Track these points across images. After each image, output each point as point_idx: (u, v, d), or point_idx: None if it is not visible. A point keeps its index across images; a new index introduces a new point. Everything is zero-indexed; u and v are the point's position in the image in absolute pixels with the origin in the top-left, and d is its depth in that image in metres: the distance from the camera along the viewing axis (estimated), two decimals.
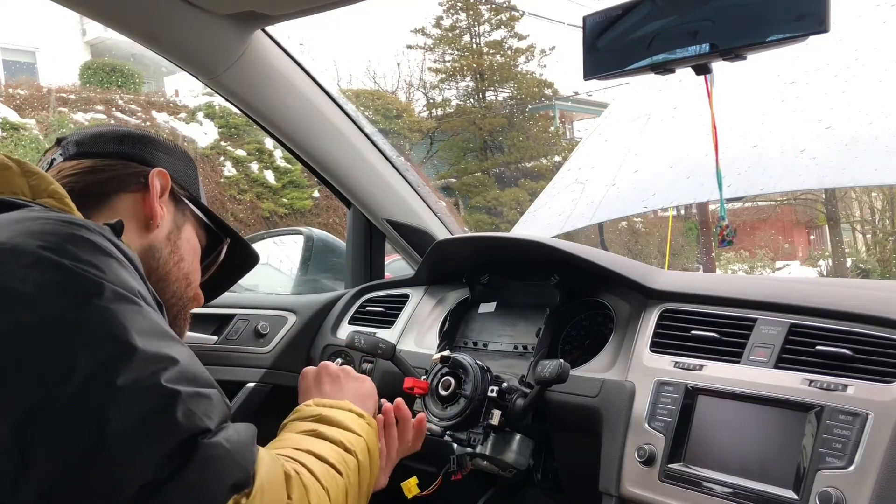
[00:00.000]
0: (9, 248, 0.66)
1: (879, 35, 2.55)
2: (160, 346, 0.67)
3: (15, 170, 0.80)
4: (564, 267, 1.49)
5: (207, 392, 0.69)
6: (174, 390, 0.65)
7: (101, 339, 0.64)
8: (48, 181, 0.80)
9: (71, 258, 0.67)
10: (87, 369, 0.62)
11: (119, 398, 0.62)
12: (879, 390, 0.98)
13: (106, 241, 0.72)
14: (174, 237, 0.98)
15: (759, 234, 13.68)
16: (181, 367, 0.67)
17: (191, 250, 1.01)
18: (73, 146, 0.96)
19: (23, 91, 10.69)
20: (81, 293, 0.65)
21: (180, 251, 0.98)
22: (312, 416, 0.93)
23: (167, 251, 0.96)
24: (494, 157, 18.19)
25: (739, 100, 2.63)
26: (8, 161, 0.80)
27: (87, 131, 0.99)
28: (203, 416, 0.66)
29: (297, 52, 1.59)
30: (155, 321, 0.69)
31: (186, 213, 1.02)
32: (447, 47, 18.83)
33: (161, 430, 0.63)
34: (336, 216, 10.80)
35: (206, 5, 1.31)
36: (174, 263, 0.97)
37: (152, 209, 0.94)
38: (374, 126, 1.85)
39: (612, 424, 1.23)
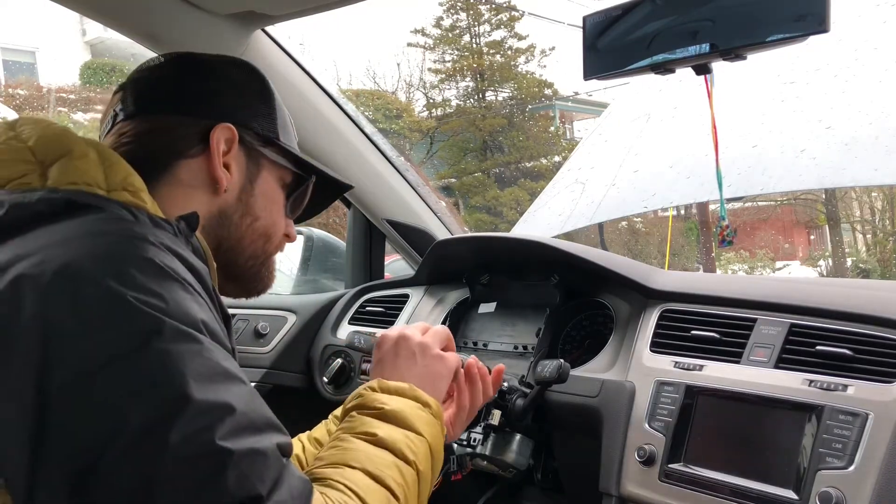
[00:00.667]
0: (71, 274, 0.63)
1: (879, 35, 2.55)
2: (217, 391, 0.63)
3: (93, 158, 0.76)
4: (564, 267, 1.49)
5: (263, 446, 0.64)
6: (227, 450, 0.61)
7: (156, 387, 0.61)
8: (123, 170, 0.77)
9: (133, 287, 0.64)
10: (140, 422, 0.59)
11: (170, 459, 0.59)
12: (879, 390, 0.98)
13: (173, 259, 0.69)
14: (246, 196, 0.90)
15: (759, 234, 13.68)
16: (237, 415, 0.63)
17: (268, 203, 0.93)
18: (133, 101, 0.88)
19: (23, 91, 10.71)
20: (140, 332, 0.62)
21: (254, 210, 0.91)
22: (375, 409, 0.86)
23: (238, 214, 0.89)
24: (494, 157, 18.18)
25: (739, 100, 2.63)
26: (86, 148, 0.77)
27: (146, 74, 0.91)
28: (256, 479, 0.62)
29: (297, 52, 1.59)
30: (213, 360, 0.65)
31: (261, 162, 0.92)
32: (447, 47, 18.83)
33: (212, 498, 0.60)
34: (336, 216, 10.79)
35: (206, 5, 1.31)
36: (248, 226, 0.91)
37: (216, 174, 0.86)
38: (374, 126, 1.85)
39: (612, 424, 1.23)
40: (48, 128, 0.79)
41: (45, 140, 0.77)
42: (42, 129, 0.79)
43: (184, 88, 0.89)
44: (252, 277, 0.93)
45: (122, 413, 0.59)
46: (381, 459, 0.80)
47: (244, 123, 0.89)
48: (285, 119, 0.97)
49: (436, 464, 0.88)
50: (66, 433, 0.59)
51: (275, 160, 0.93)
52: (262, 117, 0.92)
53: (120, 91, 0.91)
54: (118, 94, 0.91)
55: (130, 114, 0.88)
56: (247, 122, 0.90)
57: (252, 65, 0.96)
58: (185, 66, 0.91)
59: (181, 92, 0.89)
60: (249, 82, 0.94)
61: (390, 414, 0.85)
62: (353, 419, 0.85)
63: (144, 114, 0.87)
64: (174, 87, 0.89)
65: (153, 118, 0.87)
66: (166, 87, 0.89)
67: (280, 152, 0.94)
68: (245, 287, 0.94)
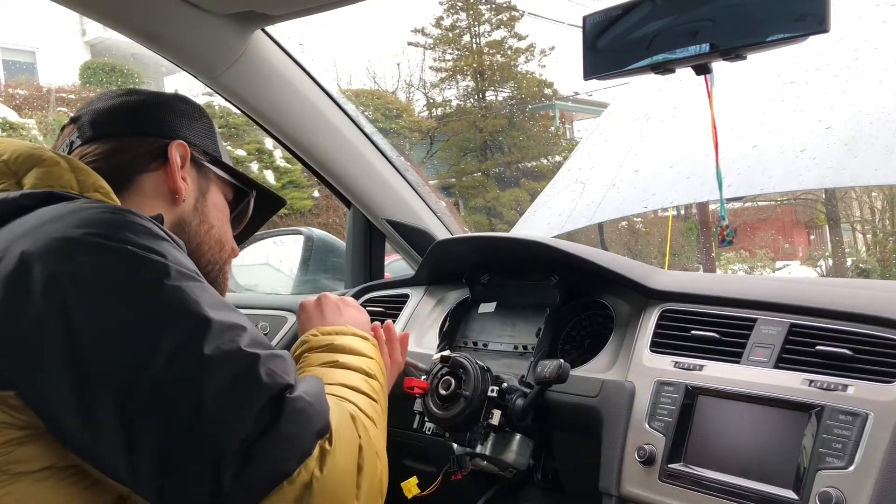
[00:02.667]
0: (74, 239, 0.71)
1: (879, 35, 2.55)
2: (229, 315, 0.74)
3: (64, 166, 0.84)
4: (564, 267, 1.49)
5: (279, 352, 0.76)
6: (254, 353, 0.72)
7: (180, 316, 0.70)
8: (93, 176, 0.85)
9: (133, 244, 0.72)
10: (173, 345, 0.68)
11: (209, 367, 0.68)
12: (879, 390, 0.98)
13: (157, 227, 0.78)
14: (201, 205, 1.00)
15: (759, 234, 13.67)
16: (250, 332, 0.75)
17: (219, 214, 1.04)
18: (89, 128, 0.97)
19: (23, 91, 10.71)
20: (152, 275, 0.71)
21: (209, 218, 1.01)
22: (323, 345, 0.97)
23: (196, 222, 0.99)
24: (494, 158, 18.18)
25: (739, 100, 2.63)
26: (58, 158, 0.85)
27: (99, 106, 0.99)
28: (283, 373, 0.73)
29: (297, 52, 1.58)
30: (216, 294, 0.76)
31: (210, 176, 1.03)
32: (447, 47, 18.83)
33: (251, 390, 0.70)
34: (336, 216, 10.81)
35: (206, 5, 1.31)
36: (205, 232, 1.00)
37: (175, 184, 0.96)
38: (374, 126, 1.85)
39: (612, 424, 1.23)
40: (20, 144, 0.88)
41: (17, 153, 0.85)
42: (14, 145, 0.87)
43: (140, 114, 0.99)
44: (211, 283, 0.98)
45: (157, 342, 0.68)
46: (351, 376, 0.91)
47: (193, 143, 1.01)
48: (223, 147, 1.09)
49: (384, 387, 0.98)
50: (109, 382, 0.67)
51: (221, 175, 1.05)
52: (208, 140, 1.04)
53: (72, 123, 1.00)
54: (70, 126, 0.99)
55: (89, 138, 0.96)
56: (196, 142, 1.01)
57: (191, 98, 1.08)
58: (138, 98, 1.01)
59: (138, 117, 0.99)
60: (194, 111, 1.05)
61: (339, 346, 0.97)
62: (306, 359, 0.95)
63: (104, 137, 0.96)
64: (131, 113, 0.99)
65: (113, 140, 0.96)
66: (123, 114, 0.99)
67: (224, 169, 1.05)
68: None
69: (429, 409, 1.36)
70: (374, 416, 0.87)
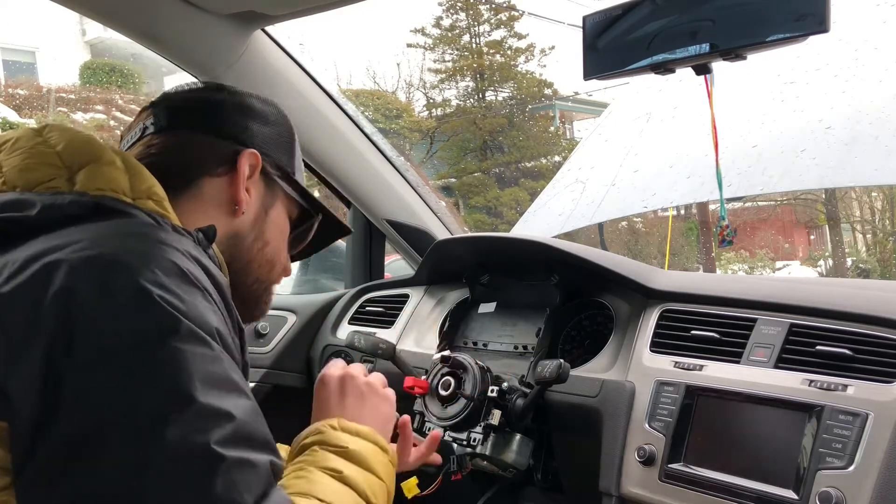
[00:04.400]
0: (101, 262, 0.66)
1: (879, 35, 2.55)
2: (220, 398, 0.65)
3: (119, 166, 0.79)
4: (564, 267, 1.49)
5: (255, 458, 0.65)
6: (219, 455, 0.62)
7: (164, 383, 0.63)
8: (148, 180, 0.80)
9: (157, 285, 0.66)
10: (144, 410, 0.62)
11: (164, 452, 0.61)
12: (879, 390, 0.98)
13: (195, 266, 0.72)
14: (260, 222, 0.94)
15: (759, 234, 13.67)
16: (236, 424, 0.65)
17: (278, 233, 0.98)
18: (165, 116, 0.92)
19: (23, 91, 10.71)
20: (159, 327, 0.65)
21: (265, 236, 0.95)
22: (339, 447, 0.86)
23: (251, 238, 0.93)
24: (494, 157, 18.18)
25: (739, 100, 2.63)
26: (113, 155, 0.80)
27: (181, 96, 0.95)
28: (244, 489, 0.63)
29: (297, 52, 1.58)
30: (222, 368, 0.67)
31: (277, 192, 0.97)
32: (447, 47, 18.82)
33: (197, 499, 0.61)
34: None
35: (206, 5, 1.31)
36: (258, 250, 0.95)
37: (238, 196, 0.90)
38: (374, 126, 1.85)
39: (612, 424, 1.23)
40: (76, 135, 0.81)
41: (72, 146, 0.79)
42: (70, 135, 0.81)
43: (219, 113, 0.93)
44: (254, 302, 0.97)
45: (130, 397, 0.62)
46: (346, 498, 0.80)
47: (269, 154, 0.94)
48: (300, 161, 1.02)
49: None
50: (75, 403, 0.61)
51: (289, 193, 0.98)
52: (284, 153, 0.98)
53: (151, 108, 0.94)
54: (148, 111, 0.94)
55: (162, 128, 0.91)
56: (271, 154, 0.95)
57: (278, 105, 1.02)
58: (223, 94, 0.95)
59: (216, 115, 0.92)
60: (280, 120, 0.99)
61: (353, 454, 0.85)
62: (315, 453, 0.85)
63: (176, 129, 0.91)
64: (210, 110, 0.93)
65: (185, 134, 0.91)
66: (203, 109, 0.93)
67: (294, 187, 0.99)
68: (245, 310, 0.95)
69: (429, 408, 1.36)
70: None
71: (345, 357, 1.78)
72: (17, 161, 0.78)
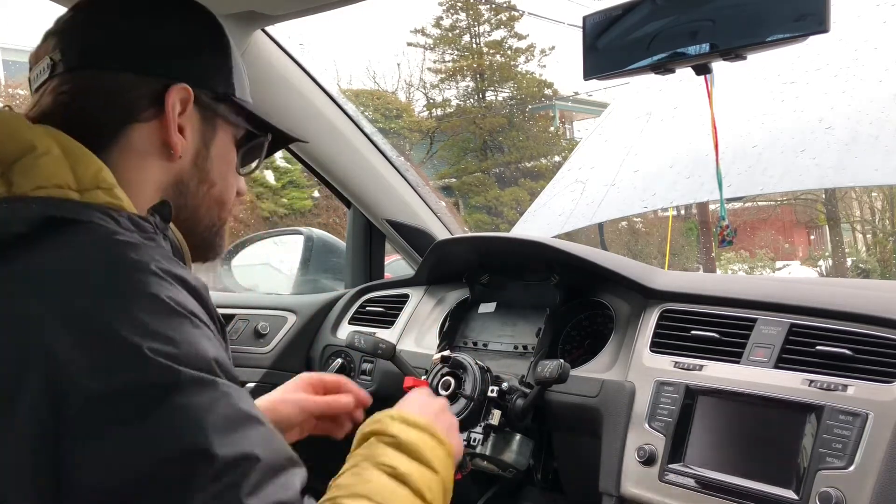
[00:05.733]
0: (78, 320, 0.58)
1: (879, 35, 2.56)
2: (239, 442, 0.60)
3: (56, 153, 0.67)
4: (564, 267, 1.49)
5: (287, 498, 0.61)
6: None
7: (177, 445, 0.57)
8: (93, 165, 0.69)
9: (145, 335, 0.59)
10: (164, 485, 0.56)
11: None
12: (879, 390, 0.98)
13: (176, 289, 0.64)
14: (202, 161, 0.82)
15: (759, 234, 13.67)
16: (261, 464, 0.60)
17: (224, 167, 0.85)
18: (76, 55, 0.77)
19: (23, 91, 10.69)
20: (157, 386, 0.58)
21: (211, 176, 0.83)
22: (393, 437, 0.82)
23: (195, 182, 0.82)
24: (494, 157, 18.19)
25: (739, 100, 2.63)
26: (47, 141, 0.68)
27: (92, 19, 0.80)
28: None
29: (297, 52, 1.58)
30: (233, 405, 0.61)
31: (217, 122, 0.84)
32: (447, 47, 18.83)
33: None
34: (336, 216, 10.81)
35: (206, 5, 1.31)
36: (204, 193, 0.83)
37: (170, 139, 0.78)
38: (374, 126, 1.85)
39: (613, 424, 1.23)
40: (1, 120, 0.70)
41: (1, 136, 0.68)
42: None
43: (138, 40, 0.79)
44: (208, 246, 0.87)
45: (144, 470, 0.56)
46: (400, 497, 0.76)
47: (200, 82, 0.81)
48: (241, 71, 0.87)
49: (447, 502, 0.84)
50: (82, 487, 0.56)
51: (230, 119, 0.85)
52: (219, 73, 0.84)
53: (55, 36, 0.80)
54: (54, 39, 0.79)
55: (72, 66, 0.77)
56: (203, 81, 0.81)
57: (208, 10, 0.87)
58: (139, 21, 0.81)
59: (135, 45, 0.78)
60: (207, 33, 0.85)
61: (405, 444, 0.81)
62: (371, 446, 0.82)
63: (90, 68, 0.77)
64: (127, 39, 0.79)
65: (101, 75, 0.77)
66: (118, 38, 0.79)
67: (235, 109, 0.85)
68: (200, 255, 0.87)
69: None
70: None
71: (344, 357, 1.78)
72: None
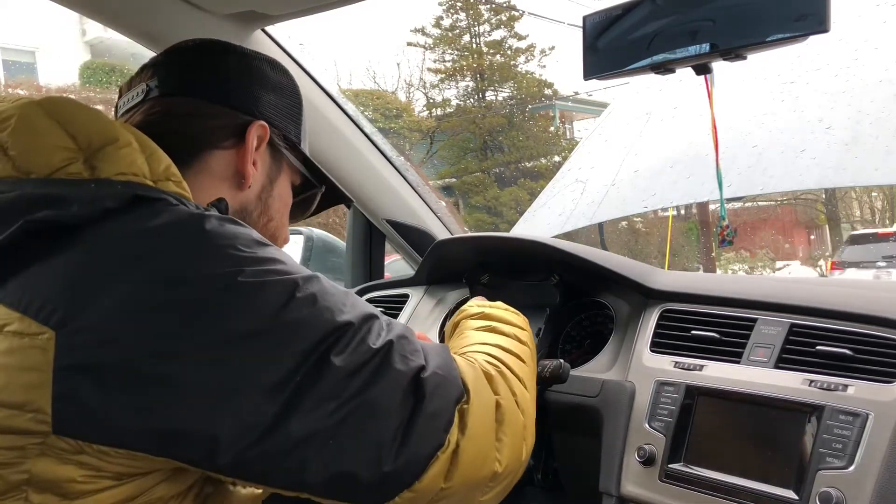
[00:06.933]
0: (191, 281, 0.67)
1: (879, 35, 2.55)
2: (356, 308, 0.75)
3: (135, 146, 0.75)
4: (564, 267, 1.49)
5: (401, 330, 0.78)
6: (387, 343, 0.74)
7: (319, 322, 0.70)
8: (164, 160, 0.77)
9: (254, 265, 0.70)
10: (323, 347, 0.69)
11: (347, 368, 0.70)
12: (880, 390, 0.98)
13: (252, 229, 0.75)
14: (265, 195, 0.92)
15: (760, 234, 13.68)
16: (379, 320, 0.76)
17: (282, 207, 0.96)
18: (173, 79, 0.88)
19: (23, 91, 10.69)
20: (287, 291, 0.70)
21: (270, 211, 0.93)
22: (477, 314, 1.03)
23: (257, 213, 0.91)
24: (494, 157, 18.19)
25: (739, 100, 2.63)
26: (128, 136, 0.75)
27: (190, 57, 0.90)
28: (412, 355, 0.76)
29: (297, 52, 1.58)
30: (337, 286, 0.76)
31: (282, 163, 0.94)
32: (447, 47, 18.83)
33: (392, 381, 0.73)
34: (336, 216, 10.79)
35: (206, 5, 1.31)
36: (263, 225, 0.93)
37: (245, 170, 0.87)
38: (374, 126, 1.85)
39: (613, 424, 1.23)
40: (82, 110, 0.76)
41: (82, 124, 0.74)
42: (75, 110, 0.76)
43: (230, 80, 0.89)
44: None
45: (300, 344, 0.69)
46: (503, 340, 0.96)
47: (277, 125, 0.92)
48: (306, 126, 1.00)
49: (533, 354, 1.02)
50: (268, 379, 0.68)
51: (294, 164, 0.96)
52: (292, 123, 0.95)
53: (152, 67, 0.90)
54: (151, 70, 0.90)
55: (167, 92, 0.87)
56: (279, 125, 0.92)
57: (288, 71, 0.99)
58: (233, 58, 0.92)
59: (228, 83, 0.89)
60: (289, 87, 0.97)
61: (491, 315, 1.03)
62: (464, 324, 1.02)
63: (184, 95, 0.87)
64: (222, 77, 0.89)
65: (193, 101, 0.87)
66: (212, 75, 0.89)
67: (299, 157, 0.97)
68: None
69: None
70: (522, 376, 0.90)
71: None
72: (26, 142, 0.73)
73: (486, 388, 0.83)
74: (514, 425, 0.85)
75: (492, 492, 0.85)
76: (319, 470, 0.70)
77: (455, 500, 0.79)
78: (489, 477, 0.82)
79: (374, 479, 0.71)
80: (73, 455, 0.64)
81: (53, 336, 0.63)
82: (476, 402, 0.80)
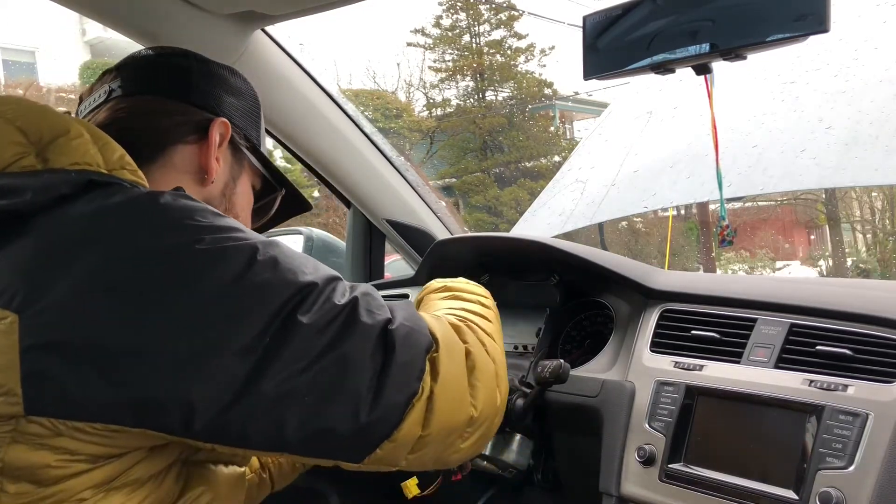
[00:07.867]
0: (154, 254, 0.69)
1: (879, 35, 2.55)
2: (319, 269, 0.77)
3: (87, 138, 0.77)
4: (564, 267, 1.49)
5: (363, 287, 0.80)
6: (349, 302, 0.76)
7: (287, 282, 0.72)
8: (117, 150, 0.79)
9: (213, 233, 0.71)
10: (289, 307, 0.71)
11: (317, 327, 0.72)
12: (880, 390, 0.98)
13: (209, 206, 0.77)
14: (229, 191, 0.95)
15: (760, 234, 13.66)
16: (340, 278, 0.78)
17: (244, 204, 0.99)
18: (135, 81, 0.91)
19: (22, 91, 10.69)
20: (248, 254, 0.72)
21: (234, 207, 0.96)
22: (439, 287, 1.07)
23: (221, 208, 0.92)
24: (494, 157, 18.18)
25: (739, 100, 2.63)
26: (79, 128, 0.78)
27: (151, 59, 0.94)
28: (378, 309, 0.78)
29: (297, 52, 1.58)
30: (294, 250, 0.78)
31: (244, 163, 0.97)
32: (447, 47, 18.82)
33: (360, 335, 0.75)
34: (336, 216, 10.80)
35: (206, 5, 1.31)
36: None
37: (208, 163, 0.90)
38: (374, 126, 1.85)
39: (613, 424, 1.23)
40: (32, 106, 0.79)
41: (32, 120, 0.77)
42: (26, 107, 0.78)
43: (190, 79, 0.92)
44: None
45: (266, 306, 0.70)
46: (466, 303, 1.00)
47: (238, 125, 0.95)
48: (265, 135, 1.05)
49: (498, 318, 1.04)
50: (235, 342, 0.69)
51: (254, 165, 0.99)
52: (252, 125, 0.99)
53: (116, 70, 0.93)
54: (113, 73, 0.93)
55: (130, 91, 0.90)
56: (239, 124, 0.95)
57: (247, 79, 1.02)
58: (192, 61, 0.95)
59: (188, 83, 0.92)
60: (248, 92, 1.00)
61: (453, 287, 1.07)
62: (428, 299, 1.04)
63: (147, 93, 0.90)
64: (183, 77, 0.92)
65: (156, 99, 0.90)
66: (174, 75, 0.92)
67: (260, 160, 1.00)
68: None
69: None
70: (489, 331, 0.93)
71: None
72: None
73: (454, 337, 0.86)
74: (486, 371, 0.87)
75: (471, 437, 0.86)
76: (297, 428, 0.71)
77: (435, 447, 0.81)
78: (466, 422, 0.84)
79: (352, 433, 0.73)
80: (47, 440, 0.65)
81: (17, 319, 0.65)
82: (445, 350, 0.82)
